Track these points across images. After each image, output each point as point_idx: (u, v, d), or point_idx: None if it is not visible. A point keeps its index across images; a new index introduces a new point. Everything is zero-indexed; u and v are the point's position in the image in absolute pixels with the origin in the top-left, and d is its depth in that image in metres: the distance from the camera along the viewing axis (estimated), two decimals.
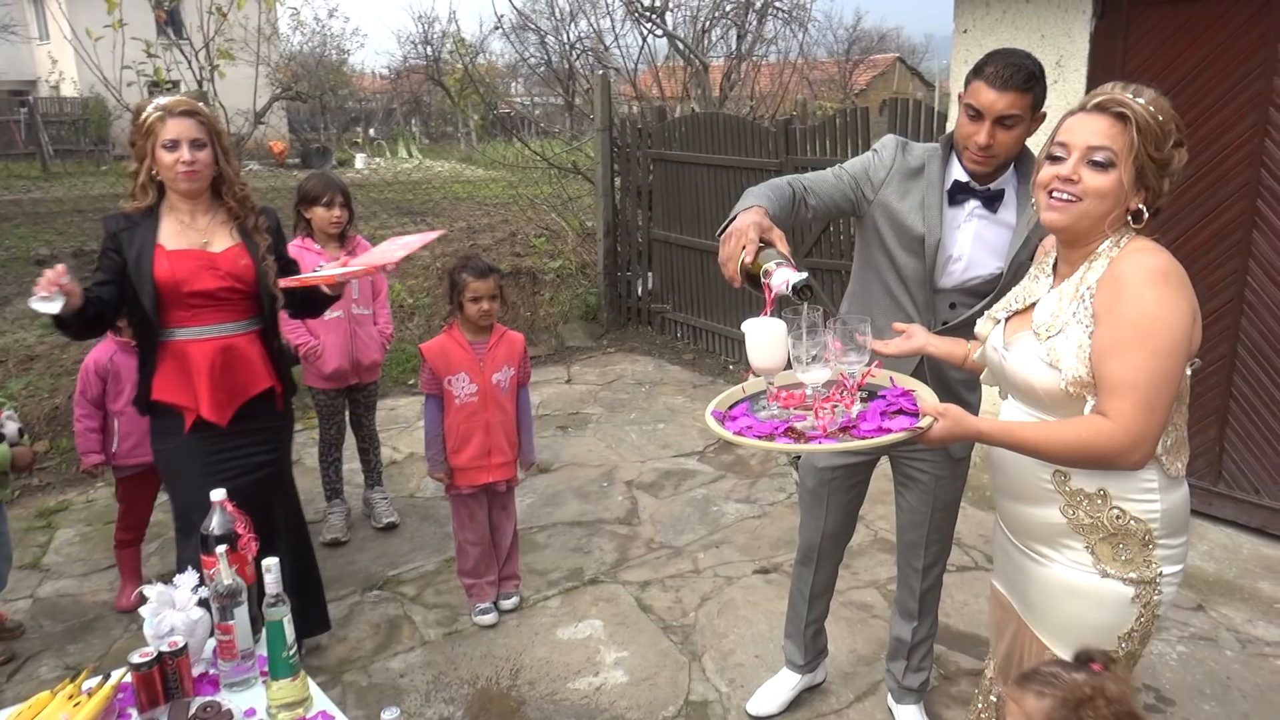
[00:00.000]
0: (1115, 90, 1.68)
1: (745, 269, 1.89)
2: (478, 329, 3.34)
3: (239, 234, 2.76)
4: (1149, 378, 1.58)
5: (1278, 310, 3.73)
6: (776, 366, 1.83)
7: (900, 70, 29.69)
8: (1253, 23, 3.61)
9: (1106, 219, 1.68)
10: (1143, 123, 1.62)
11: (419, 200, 15.14)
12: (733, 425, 1.83)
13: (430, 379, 3.34)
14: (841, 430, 1.73)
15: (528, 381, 3.53)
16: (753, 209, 2.01)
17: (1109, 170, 1.65)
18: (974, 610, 3.49)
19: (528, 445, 3.51)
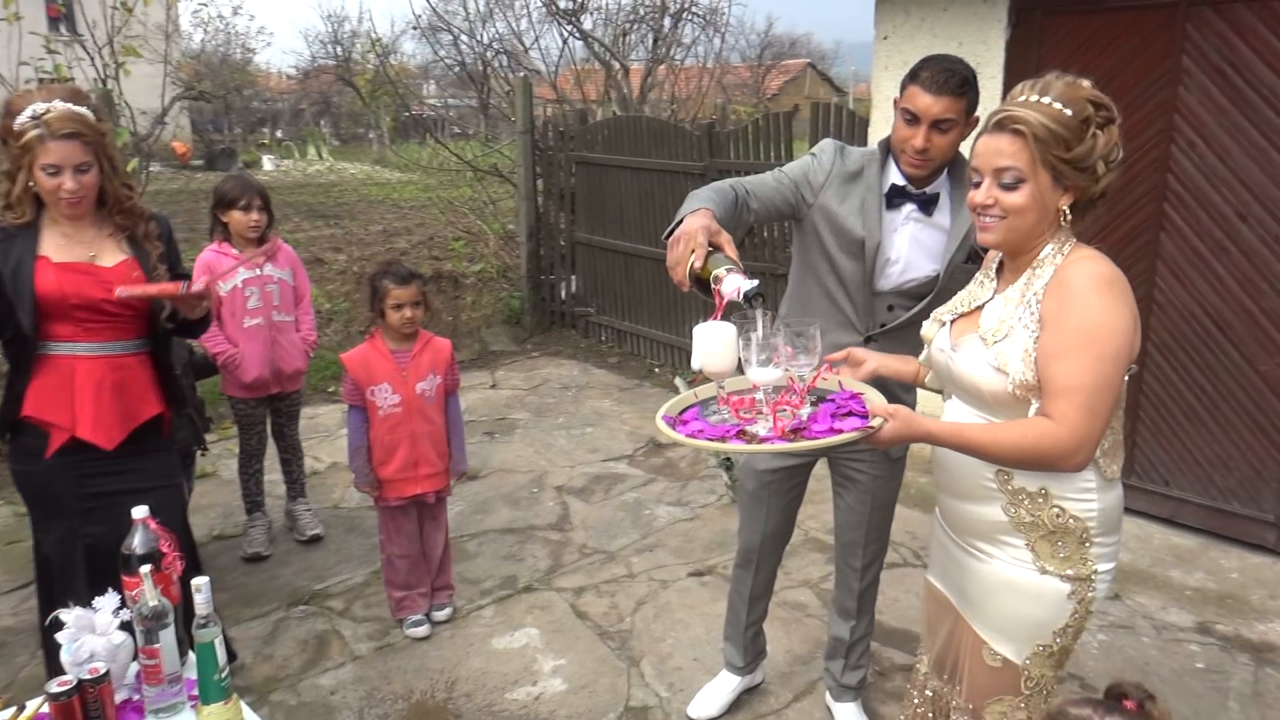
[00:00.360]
0: (1021, 92, 1.71)
1: (694, 273, 1.88)
2: (401, 337, 3.25)
3: (129, 246, 2.55)
4: (1093, 382, 1.62)
5: (1184, 309, 3.90)
6: (727, 370, 1.83)
7: (811, 75, 30.26)
8: (1158, 34, 3.77)
9: (1037, 228, 1.72)
10: (1040, 132, 1.65)
11: (331, 203, 14.80)
12: (684, 429, 1.82)
13: (352, 390, 3.26)
14: (793, 432, 1.74)
15: (457, 389, 3.44)
16: (700, 212, 2.00)
17: (1020, 188, 1.69)
18: (905, 606, 3.55)
19: (459, 455, 3.42)
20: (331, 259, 8.89)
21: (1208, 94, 3.69)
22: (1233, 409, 3.84)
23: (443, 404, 3.35)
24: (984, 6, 4.18)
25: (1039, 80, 1.72)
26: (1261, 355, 3.73)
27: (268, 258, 3.81)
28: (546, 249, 7.49)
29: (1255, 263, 3.69)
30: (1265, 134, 3.59)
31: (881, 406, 1.75)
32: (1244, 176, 3.66)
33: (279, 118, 27.82)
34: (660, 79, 10.89)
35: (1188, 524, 4.03)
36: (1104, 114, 1.69)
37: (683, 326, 6.39)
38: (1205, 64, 3.68)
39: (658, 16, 11.01)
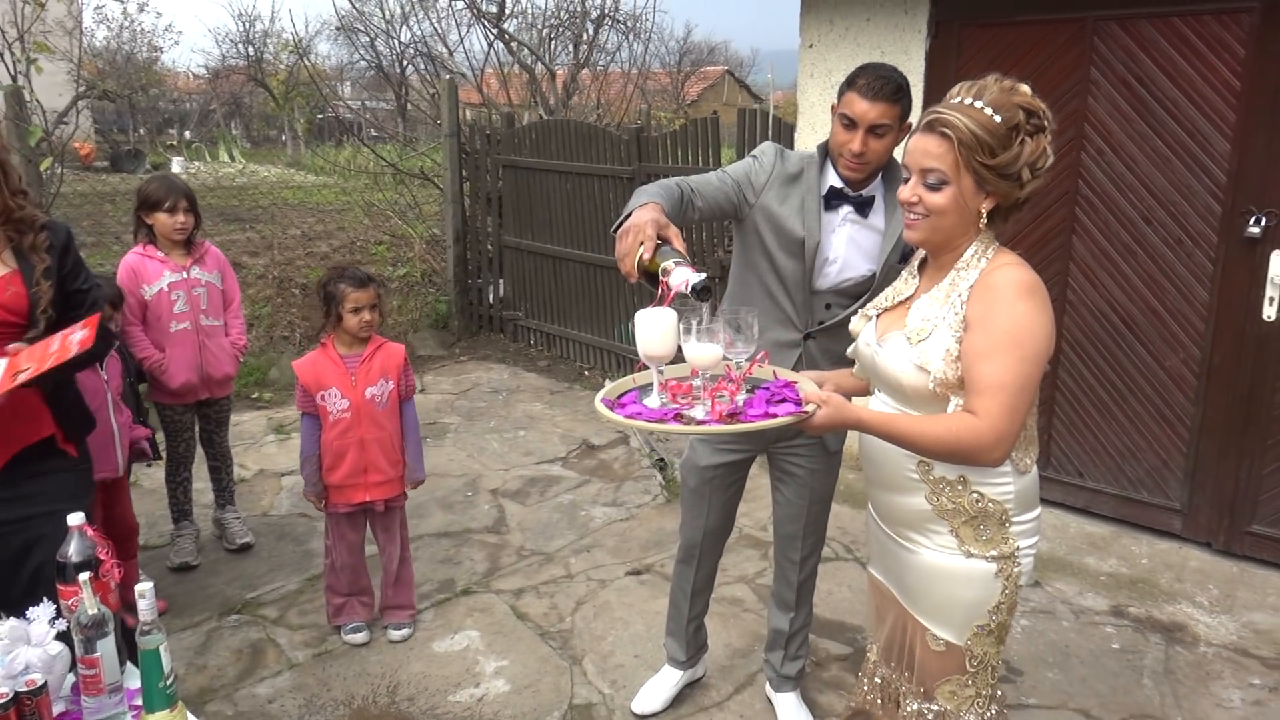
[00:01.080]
0: (958, 93, 1.78)
1: (642, 266, 1.92)
2: (353, 341, 3.23)
3: (13, 257, 2.33)
4: (1015, 381, 1.70)
5: (1094, 309, 4.10)
6: (666, 355, 1.88)
7: (730, 82, 30.64)
8: (1068, 46, 3.96)
9: (958, 228, 1.81)
10: (966, 138, 1.71)
11: (245, 206, 14.39)
12: (622, 411, 1.87)
13: (303, 396, 3.24)
14: (729, 416, 1.80)
15: (412, 395, 3.39)
16: (649, 205, 2.04)
17: (943, 189, 1.76)
18: (838, 599, 3.65)
19: (414, 463, 3.37)
20: (249, 264, 8.66)
21: (1115, 104, 3.89)
22: (1141, 403, 4.05)
23: (396, 410, 3.31)
24: (905, 18, 4.33)
25: (978, 82, 1.78)
26: (1166, 352, 3.95)
27: (195, 260, 3.73)
28: (473, 253, 7.45)
29: (1160, 264, 3.90)
30: (1168, 142, 3.80)
31: (814, 394, 1.82)
32: (1149, 182, 3.87)
33: (187, 118, 26.97)
34: (584, 84, 10.93)
35: (1101, 513, 4.22)
36: (1034, 122, 1.76)
37: (612, 330, 6.44)
38: (1112, 76, 3.88)
39: (579, 22, 11.06)
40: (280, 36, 23.83)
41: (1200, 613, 3.54)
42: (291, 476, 4.74)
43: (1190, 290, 3.85)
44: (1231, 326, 3.76)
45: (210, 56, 27.67)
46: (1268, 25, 3.50)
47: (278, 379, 6.15)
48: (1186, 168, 3.77)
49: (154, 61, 24.84)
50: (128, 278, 3.59)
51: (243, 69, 24.30)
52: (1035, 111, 1.76)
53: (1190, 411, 3.92)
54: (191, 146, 23.91)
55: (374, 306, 3.20)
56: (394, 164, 9.05)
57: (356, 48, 15.91)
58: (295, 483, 4.65)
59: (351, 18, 13.62)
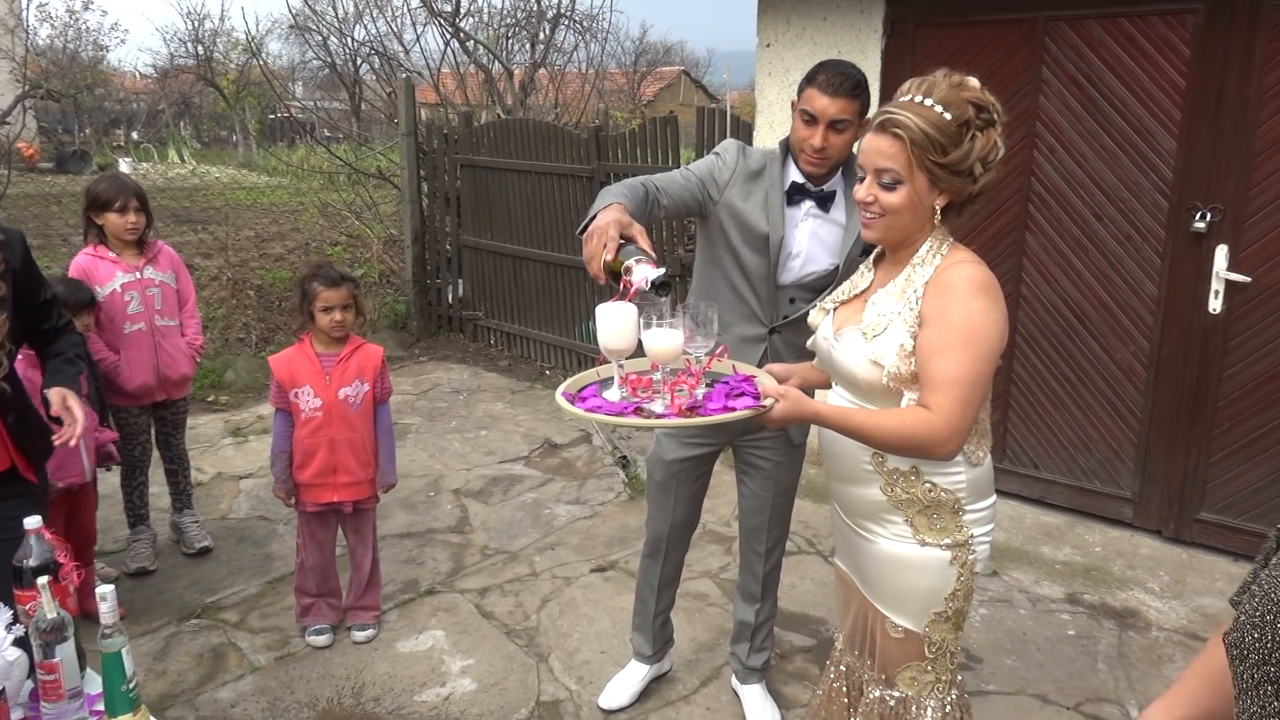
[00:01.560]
0: (908, 90, 1.81)
1: (609, 266, 1.94)
2: (330, 340, 3.20)
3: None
4: (969, 377, 1.73)
5: (1047, 303, 4.18)
6: (627, 348, 1.90)
7: (686, 83, 30.74)
8: (1020, 46, 4.04)
9: (914, 225, 1.84)
10: (917, 138, 1.74)
11: (197, 208, 14.16)
12: (583, 405, 1.89)
13: (277, 392, 3.21)
14: (689, 410, 1.82)
15: (388, 398, 3.38)
16: (612, 206, 2.06)
17: (897, 188, 1.80)
18: (802, 591, 3.69)
19: (386, 466, 3.35)
20: (203, 265, 8.52)
21: (1065, 103, 3.98)
22: (1093, 395, 4.14)
23: (370, 412, 3.29)
24: (861, 17, 4.38)
25: (927, 79, 1.80)
26: (1117, 345, 4.04)
27: (148, 260, 3.67)
28: (432, 253, 7.41)
29: (1110, 259, 4.00)
30: (1117, 140, 3.89)
31: (772, 388, 1.85)
32: (1099, 179, 3.96)
33: (135, 119, 26.45)
34: (541, 84, 10.91)
35: (1056, 503, 4.31)
36: (984, 116, 1.79)
37: (573, 329, 6.44)
38: (1063, 75, 3.96)
39: (536, 21, 11.05)
40: (230, 35, 23.49)
41: (1152, 598, 3.64)
42: (250, 479, 4.68)
43: (1139, 284, 3.94)
44: (1179, 319, 3.86)
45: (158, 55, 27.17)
46: (1211, 26, 3.61)
47: (234, 381, 6.06)
48: (1135, 165, 3.87)
49: (100, 60, 24.33)
50: (79, 279, 3.52)
51: (192, 68, 23.89)
52: (985, 106, 1.79)
53: (1140, 403, 4.02)
54: (140, 147, 23.46)
55: (347, 307, 3.17)
56: (350, 164, 8.96)
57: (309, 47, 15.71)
58: (254, 486, 4.59)
59: (304, 16, 13.46)
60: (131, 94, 27.09)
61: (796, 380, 2.09)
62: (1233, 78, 3.59)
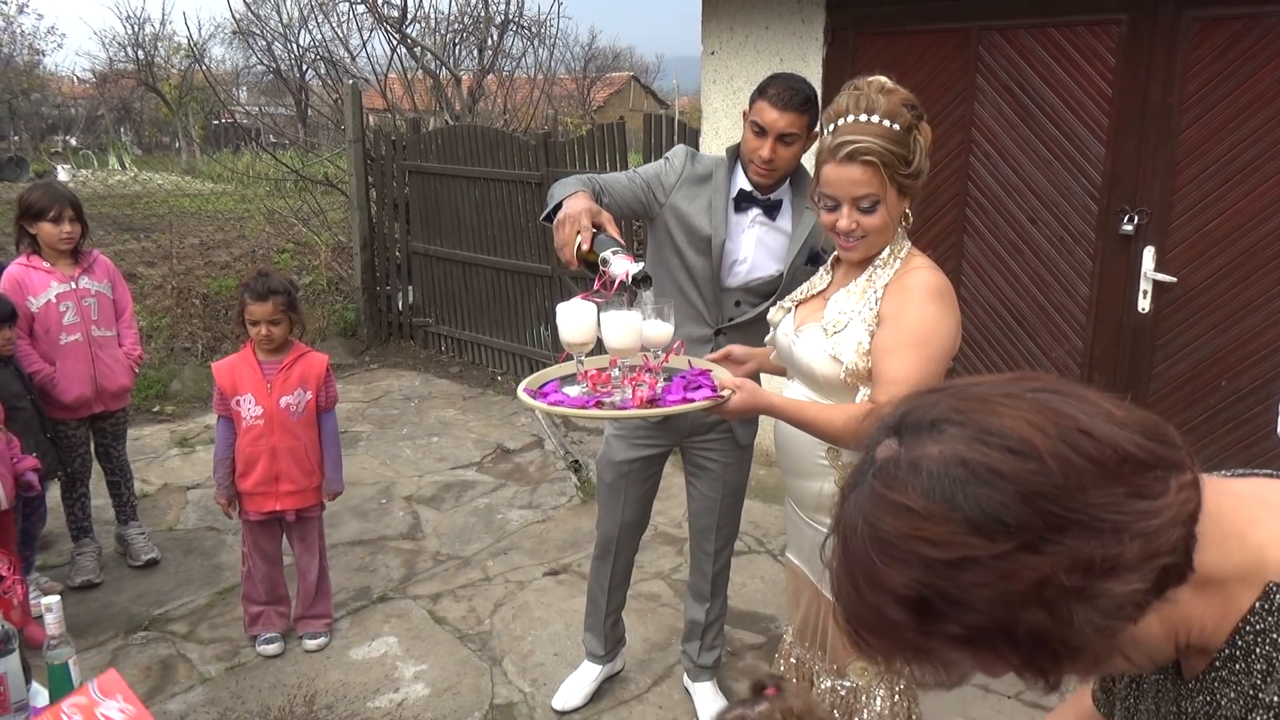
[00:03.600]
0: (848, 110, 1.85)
1: (582, 254, 2.01)
2: (272, 348, 3.19)
3: None
4: (919, 377, 1.81)
5: (986, 305, 4.30)
6: (587, 343, 1.97)
7: (635, 88, 30.84)
8: (955, 55, 4.15)
9: (890, 235, 1.93)
10: (887, 159, 1.81)
11: (139, 215, 13.91)
12: (545, 400, 1.95)
13: (219, 399, 3.21)
14: (649, 403, 1.88)
15: (333, 406, 3.36)
16: (579, 194, 2.16)
17: (876, 209, 1.87)
18: (752, 590, 3.75)
19: (333, 474, 3.33)
20: (145, 274, 8.38)
21: (1000, 110, 4.10)
22: None
23: (314, 420, 3.28)
24: (802, 26, 4.47)
25: (857, 94, 1.86)
26: (1052, 344, 4.17)
27: (83, 269, 3.62)
28: (381, 260, 7.37)
29: (1045, 261, 4.12)
30: (1049, 147, 4.02)
31: (729, 380, 1.91)
32: (1033, 184, 4.08)
33: (73, 124, 25.87)
34: (490, 90, 10.90)
35: None
36: (914, 112, 1.87)
37: (524, 334, 6.45)
38: (996, 83, 4.08)
39: (484, 27, 11.03)
40: (172, 40, 23.08)
41: None
42: (197, 490, 4.63)
43: (1072, 285, 4.08)
44: (1110, 319, 4.00)
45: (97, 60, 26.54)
46: (1134, 36, 3.75)
47: (179, 391, 5.98)
48: (1066, 170, 4.00)
49: (36, 65, 23.78)
50: (12, 289, 3.44)
51: (132, 73, 23.44)
52: (912, 102, 1.87)
53: None
54: (78, 153, 22.94)
55: (275, 321, 3.11)
56: (296, 170, 8.88)
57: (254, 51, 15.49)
58: (201, 496, 4.54)
59: (248, 21, 13.29)
60: (69, 99, 26.49)
61: (754, 365, 2.18)
62: (1156, 86, 3.73)
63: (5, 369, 3.36)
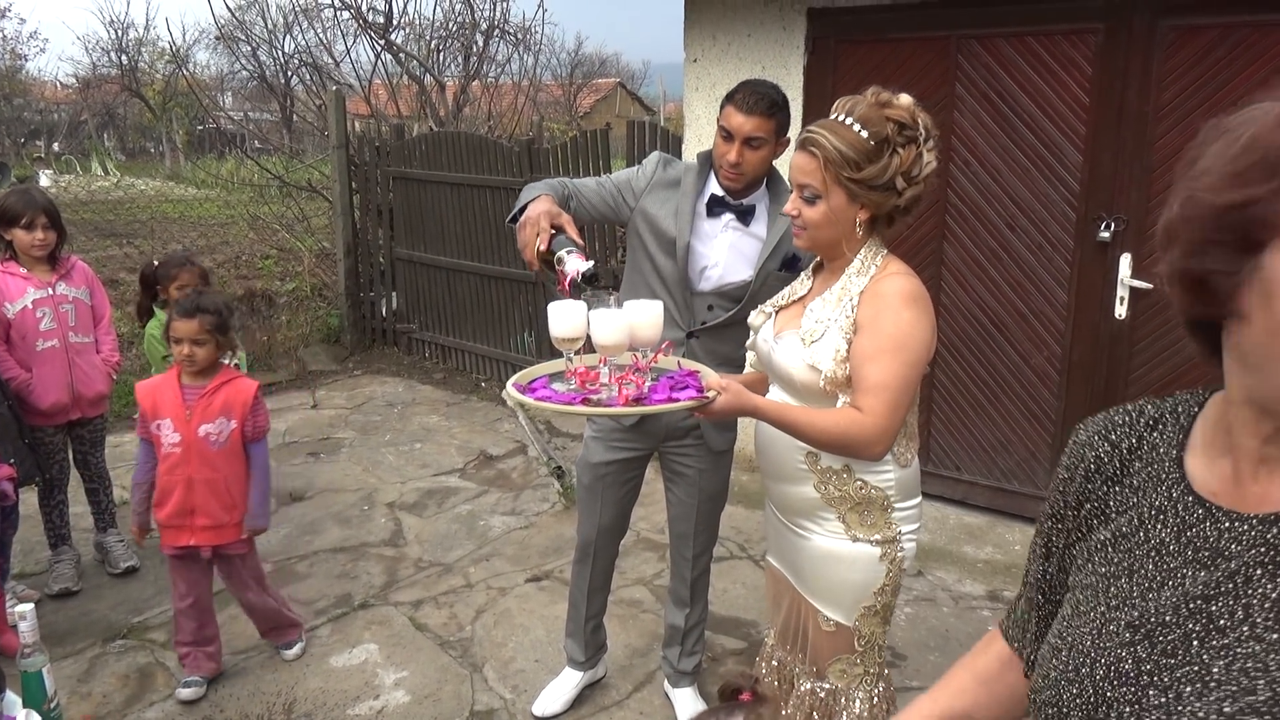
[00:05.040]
0: (836, 109, 1.90)
1: (542, 255, 2.07)
2: (196, 371, 2.98)
3: None
4: (898, 382, 1.84)
5: (965, 311, 4.33)
6: (577, 339, 1.99)
7: (622, 94, 30.89)
8: (935, 63, 4.19)
9: (838, 238, 1.94)
10: (831, 155, 1.84)
11: (122, 221, 13.82)
12: (532, 395, 1.97)
13: (141, 420, 3.02)
14: (635, 401, 1.90)
15: (262, 436, 3.11)
16: (541, 198, 2.26)
17: (816, 203, 1.91)
18: (733, 595, 3.76)
19: (255, 509, 3.07)
20: (128, 280, 8.34)
21: (979, 118, 4.13)
22: (1010, 399, 4.29)
23: (238, 451, 3.04)
24: (783, 34, 4.50)
25: (854, 97, 1.91)
26: (1032, 350, 4.20)
27: (60, 276, 3.60)
28: (365, 266, 7.36)
29: (1024, 268, 4.16)
30: (1027, 154, 4.05)
31: (715, 381, 1.93)
32: (1012, 192, 4.12)
33: (56, 129, 25.72)
34: (475, 96, 10.91)
35: (977, 504, 4.46)
36: (906, 134, 1.88)
37: (508, 340, 6.45)
38: (975, 91, 4.12)
39: (469, 33, 11.04)
40: (156, 45, 22.99)
41: None
42: None
43: (1051, 292, 4.11)
44: (1088, 325, 4.03)
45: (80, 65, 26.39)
46: (1110, 45, 3.79)
47: None
48: (1044, 177, 4.04)
49: (18, 69, 23.65)
50: None
51: (115, 78, 23.33)
52: (907, 124, 1.88)
53: (1054, 405, 4.18)
54: (61, 159, 22.80)
55: (199, 342, 2.91)
56: (279, 176, 8.86)
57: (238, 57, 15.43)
58: None
59: (232, 26, 13.26)
60: (52, 104, 26.34)
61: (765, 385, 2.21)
62: (1132, 94, 3.77)
63: None
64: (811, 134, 1.89)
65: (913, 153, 1.89)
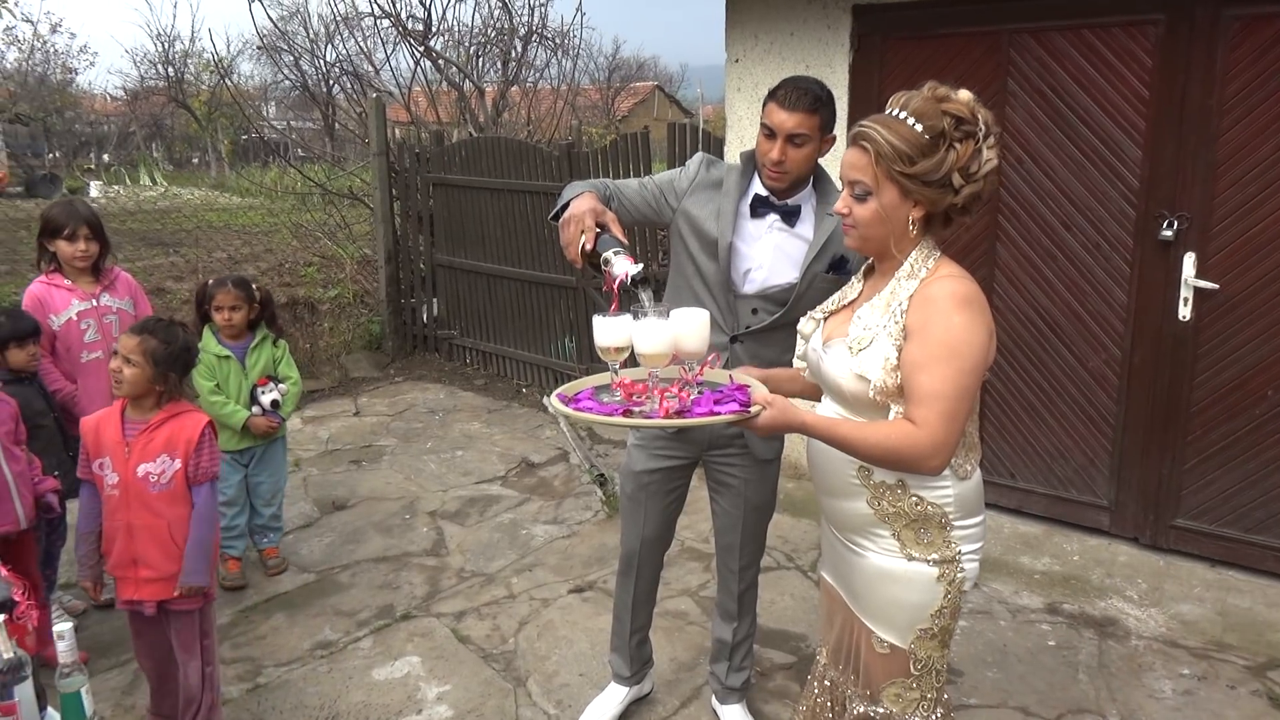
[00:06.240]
0: (891, 104, 1.83)
1: (586, 254, 2.07)
2: (137, 404, 2.66)
3: None
4: (953, 391, 1.73)
5: (1020, 313, 4.20)
6: (623, 348, 1.95)
7: (660, 98, 30.86)
8: (986, 58, 4.06)
9: (889, 237, 1.85)
10: (883, 149, 1.77)
11: (168, 230, 14.05)
12: (575, 406, 1.93)
13: (83, 459, 2.69)
14: (676, 414, 1.85)
15: (207, 479, 2.69)
16: (585, 195, 2.22)
17: (868, 200, 1.82)
18: (781, 608, 3.66)
19: (191, 564, 2.65)
20: (174, 288, 8.45)
21: (1032, 114, 4.00)
22: (1066, 404, 4.15)
23: (182, 495, 2.66)
24: (828, 32, 4.40)
25: (909, 93, 1.82)
26: (1089, 353, 4.06)
27: (104, 287, 3.61)
28: (406, 272, 7.36)
29: (1080, 268, 4.01)
30: (1083, 150, 3.91)
31: (761, 395, 1.85)
32: (1067, 189, 3.98)
33: (106, 141, 26.26)
34: (514, 101, 10.90)
35: (1033, 512, 4.32)
36: (964, 129, 1.78)
37: (549, 346, 6.41)
38: (1029, 86, 3.99)
39: (508, 39, 11.04)
40: (201, 56, 23.35)
41: (1130, 606, 3.64)
42: None
43: (1109, 293, 3.96)
44: (1149, 327, 3.88)
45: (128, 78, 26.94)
46: (1172, 37, 3.64)
47: None
48: (1101, 174, 3.89)
49: (69, 83, 24.19)
50: (34, 308, 3.43)
51: (163, 90, 23.76)
52: (964, 118, 1.79)
53: (1113, 410, 4.03)
54: (110, 170, 23.27)
55: (130, 361, 2.59)
56: (322, 184, 8.91)
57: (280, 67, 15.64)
58: None
59: (274, 36, 13.41)
60: (102, 116, 26.92)
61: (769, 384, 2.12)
62: (1195, 87, 3.62)
63: (29, 387, 3.35)
64: (863, 128, 1.81)
65: (970, 148, 1.80)
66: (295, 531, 4.34)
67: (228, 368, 3.76)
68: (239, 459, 3.86)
